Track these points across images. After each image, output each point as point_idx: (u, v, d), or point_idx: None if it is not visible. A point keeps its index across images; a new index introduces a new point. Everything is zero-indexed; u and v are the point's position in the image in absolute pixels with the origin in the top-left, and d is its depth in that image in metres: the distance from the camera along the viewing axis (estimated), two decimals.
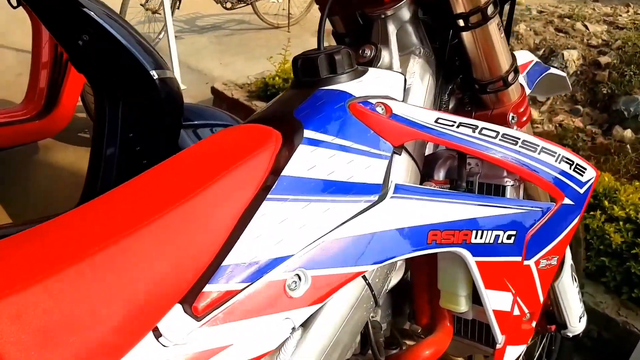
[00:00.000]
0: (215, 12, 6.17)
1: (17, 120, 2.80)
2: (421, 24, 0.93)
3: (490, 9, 0.83)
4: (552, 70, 1.33)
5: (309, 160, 0.68)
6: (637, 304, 1.87)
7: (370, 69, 0.81)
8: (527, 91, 1.17)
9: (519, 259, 0.81)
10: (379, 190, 0.71)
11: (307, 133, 0.69)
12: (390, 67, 0.90)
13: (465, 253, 0.77)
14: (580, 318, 1.38)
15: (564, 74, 1.37)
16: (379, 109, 0.75)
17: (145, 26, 5.09)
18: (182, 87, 2.86)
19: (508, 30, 1.00)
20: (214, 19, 6.26)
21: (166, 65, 1.92)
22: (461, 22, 0.85)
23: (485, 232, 0.77)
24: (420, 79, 0.89)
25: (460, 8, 0.84)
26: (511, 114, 0.93)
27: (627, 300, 1.89)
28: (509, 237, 0.79)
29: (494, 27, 0.86)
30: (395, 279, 0.88)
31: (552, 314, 1.37)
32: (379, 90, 0.78)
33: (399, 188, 0.72)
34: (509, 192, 0.85)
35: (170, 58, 4.09)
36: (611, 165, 2.90)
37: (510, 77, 0.91)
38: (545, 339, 1.62)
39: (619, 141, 3.09)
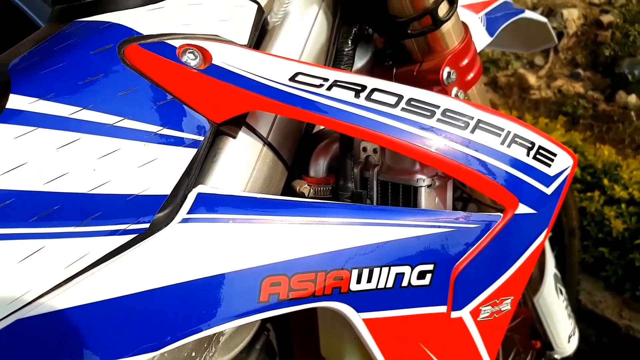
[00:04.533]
0: None
1: None
2: None
3: None
4: (528, 13, 0.98)
5: (8, 153, 0.36)
6: None
7: None
8: (486, 39, 0.83)
9: (441, 309, 0.49)
10: (154, 210, 0.39)
11: (14, 100, 0.37)
12: None
13: (342, 308, 0.45)
14: (570, 337, 1.09)
15: (544, 20, 1.02)
16: (187, 57, 0.43)
17: None
18: None
19: None
20: None
21: None
22: None
23: (375, 270, 0.45)
24: (299, 12, 0.56)
25: None
26: (447, 69, 0.59)
27: (630, 299, 1.59)
28: (421, 276, 0.47)
29: None
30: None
31: (536, 328, 1.11)
32: (197, 25, 0.46)
33: (204, 201, 0.40)
34: (423, 198, 0.52)
35: None
36: (614, 134, 2.67)
37: (441, 11, 0.57)
38: (530, 356, 1.35)
39: (623, 107, 2.82)
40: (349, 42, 0.61)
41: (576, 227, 1.38)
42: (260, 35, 0.54)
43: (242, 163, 0.47)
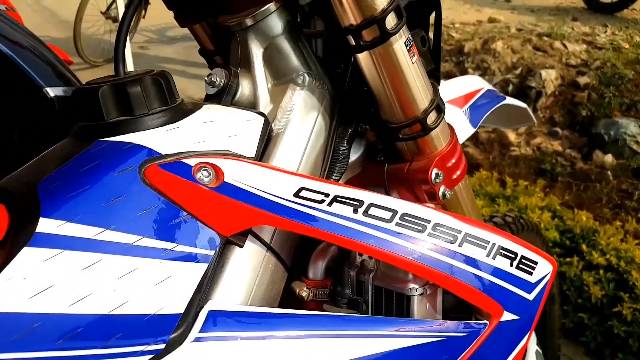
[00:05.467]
0: None
1: None
2: (304, 40, 0.64)
3: (390, 21, 0.55)
4: (509, 100, 1.05)
5: (37, 276, 0.38)
6: None
7: (203, 108, 0.52)
8: (469, 130, 0.89)
9: None
10: (169, 330, 0.41)
11: (44, 224, 0.40)
12: (253, 103, 0.62)
13: None
14: None
15: (524, 105, 1.09)
16: (201, 174, 0.47)
17: (108, 37, 4.75)
18: None
19: (437, 52, 0.72)
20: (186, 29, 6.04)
21: (72, 81, 1.61)
22: (352, 40, 0.57)
23: None
24: (300, 118, 0.61)
25: (348, 18, 0.56)
26: (434, 170, 0.64)
27: None
28: None
29: (399, 48, 0.57)
30: None
31: None
32: (211, 142, 0.50)
33: (214, 318, 0.43)
34: (415, 306, 0.56)
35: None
36: (592, 193, 2.73)
37: (430, 119, 0.62)
38: None
39: (600, 167, 2.89)
40: (345, 142, 0.66)
41: (556, 294, 1.41)
42: (266, 141, 0.58)
43: (247, 271, 0.51)
